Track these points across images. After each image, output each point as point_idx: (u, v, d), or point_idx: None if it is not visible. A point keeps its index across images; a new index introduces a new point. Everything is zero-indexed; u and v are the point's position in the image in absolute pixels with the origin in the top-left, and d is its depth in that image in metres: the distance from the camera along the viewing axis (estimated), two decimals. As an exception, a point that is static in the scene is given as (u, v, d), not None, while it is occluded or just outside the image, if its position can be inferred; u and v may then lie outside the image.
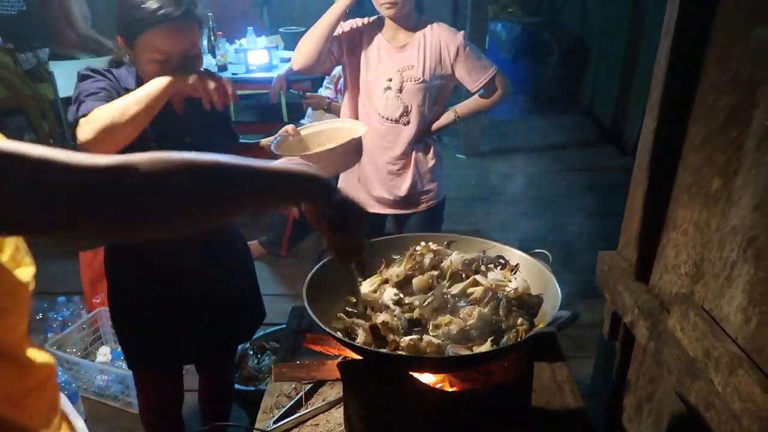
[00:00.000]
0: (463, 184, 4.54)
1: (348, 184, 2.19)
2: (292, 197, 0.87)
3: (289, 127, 1.70)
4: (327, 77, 3.67)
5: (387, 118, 2.07)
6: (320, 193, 0.86)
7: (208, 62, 3.91)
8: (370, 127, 2.03)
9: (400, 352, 0.97)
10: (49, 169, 0.60)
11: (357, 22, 2.11)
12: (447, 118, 2.16)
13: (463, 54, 2.02)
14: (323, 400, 1.31)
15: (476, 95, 2.14)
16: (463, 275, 1.19)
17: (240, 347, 2.18)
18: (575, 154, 5.08)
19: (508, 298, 1.07)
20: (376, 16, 2.10)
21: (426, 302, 1.07)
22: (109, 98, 1.36)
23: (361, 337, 1.01)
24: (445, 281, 1.15)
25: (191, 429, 2.04)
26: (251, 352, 2.30)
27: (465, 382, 1.08)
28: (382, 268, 1.22)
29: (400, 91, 2.03)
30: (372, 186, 2.17)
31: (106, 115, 1.28)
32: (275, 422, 1.29)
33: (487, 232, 3.85)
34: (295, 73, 3.82)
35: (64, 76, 3.73)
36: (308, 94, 3.54)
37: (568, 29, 6.09)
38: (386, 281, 1.18)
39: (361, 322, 1.04)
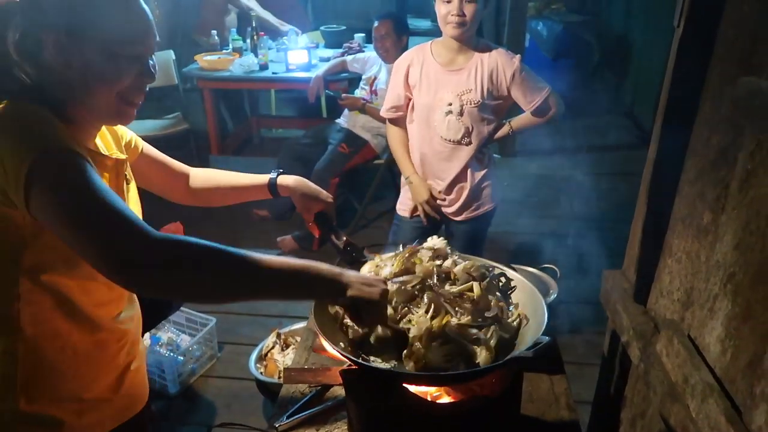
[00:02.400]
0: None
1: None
2: (309, 297, 1.11)
3: None
4: (363, 78, 3.77)
5: (449, 140, 2.16)
6: (331, 295, 1.06)
7: (250, 61, 4.06)
8: (431, 148, 2.19)
9: (383, 365, 1.08)
10: None
11: (409, 55, 2.21)
12: (502, 131, 2.25)
13: (519, 78, 2.10)
14: (335, 398, 1.43)
15: (530, 112, 2.20)
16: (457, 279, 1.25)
17: (264, 342, 2.33)
18: (613, 158, 5.04)
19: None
20: (427, 43, 2.19)
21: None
22: None
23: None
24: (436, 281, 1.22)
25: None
26: (277, 346, 2.44)
27: (457, 393, 1.18)
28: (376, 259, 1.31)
29: (461, 114, 2.11)
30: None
31: None
32: (288, 417, 1.42)
33: (512, 234, 3.91)
34: (333, 74, 3.96)
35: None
36: (344, 95, 3.65)
37: (611, 29, 6.01)
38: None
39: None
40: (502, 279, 1.29)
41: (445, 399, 1.19)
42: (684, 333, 1.22)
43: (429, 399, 1.17)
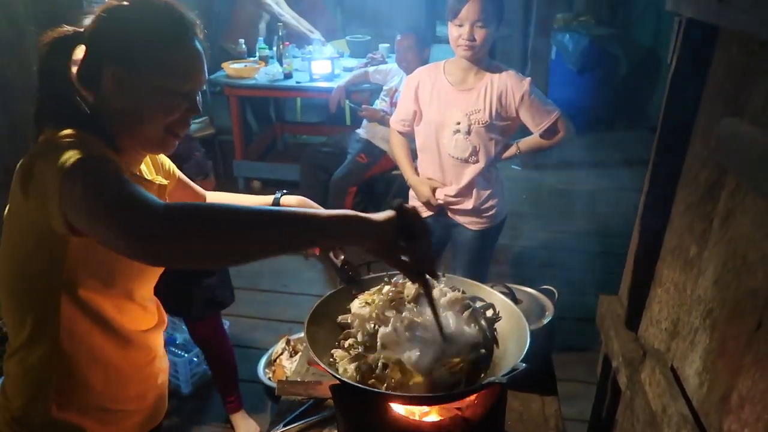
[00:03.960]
0: (513, 197, 4.58)
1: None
2: (337, 239, 1.01)
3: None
4: (383, 89, 3.84)
5: (457, 158, 2.21)
6: (371, 234, 0.97)
7: (275, 70, 4.15)
8: (438, 165, 2.24)
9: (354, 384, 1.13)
10: None
11: (422, 72, 2.26)
12: (510, 152, 2.29)
13: (528, 100, 2.13)
14: (330, 409, 1.48)
15: (538, 134, 2.24)
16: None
17: (274, 348, 2.40)
18: (636, 173, 5.00)
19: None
20: (442, 61, 2.24)
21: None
22: None
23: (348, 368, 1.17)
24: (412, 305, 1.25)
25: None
26: (286, 352, 2.51)
27: (444, 412, 1.23)
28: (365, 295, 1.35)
29: (469, 133, 2.16)
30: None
31: None
32: (285, 425, 1.48)
33: (527, 248, 3.92)
34: (355, 84, 4.04)
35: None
36: (364, 106, 3.71)
37: (639, 42, 5.96)
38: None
39: (345, 355, 1.19)
40: (489, 311, 1.31)
41: (434, 417, 1.24)
42: (667, 363, 1.24)
43: (417, 416, 1.22)
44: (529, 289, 1.74)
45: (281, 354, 2.49)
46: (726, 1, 1.02)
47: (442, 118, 2.18)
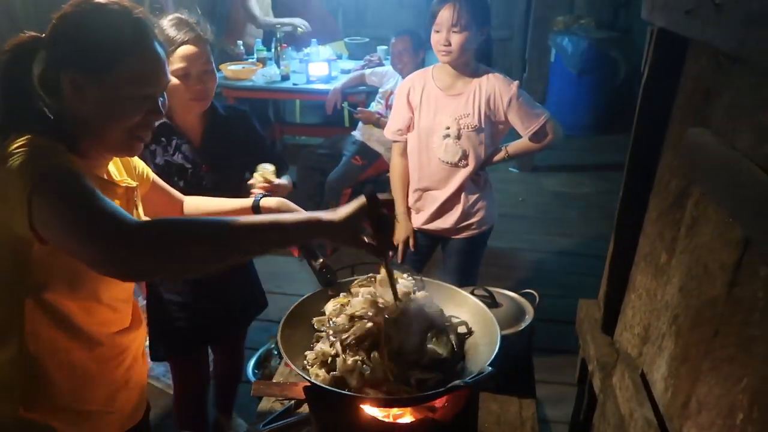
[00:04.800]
0: (510, 200, 4.61)
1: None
2: (303, 239, 1.13)
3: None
4: (379, 92, 3.86)
5: (447, 162, 2.23)
6: (332, 232, 1.06)
7: (272, 71, 4.18)
8: (428, 170, 2.25)
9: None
10: None
11: (411, 79, 2.29)
12: (499, 155, 2.29)
13: (516, 104, 2.14)
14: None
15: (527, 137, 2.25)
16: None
17: (263, 348, 2.43)
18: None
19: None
20: (430, 67, 2.27)
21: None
22: None
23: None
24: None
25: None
26: (275, 353, 2.54)
27: (416, 413, 1.25)
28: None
29: (458, 137, 2.18)
30: (424, 214, 2.35)
31: None
32: (264, 425, 1.51)
33: (519, 251, 3.93)
34: (351, 86, 4.06)
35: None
36: (359, 108, 3.74)
37: (639, 46, 5.95)
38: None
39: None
40: (463, 328, 1.32)
41: (408, 418, 1.26)
42: (637, 368, 1.26)
43: (391, 418, 1.24)
44: (510, 293, 1.76)
45: (268, 357, 2.52)
46: (692, 13, 1.04)
47: (432, 124, 2.20)
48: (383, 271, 1.27)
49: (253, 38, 4.69)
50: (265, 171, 1.76)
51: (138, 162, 1.38)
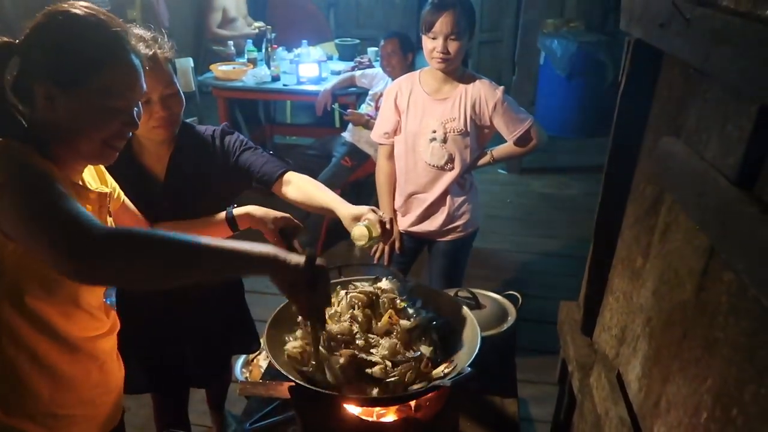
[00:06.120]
0: (498, 201, 4.65)
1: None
2: (256, 273, 1.05)
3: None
4: (369, 94, 3.89)
5: (433, 166, 2.26)
6: (290, 270, 1.04)
7: (263, 72, 4.20)
8: (415, 173, 2.29)
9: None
10: None
11: (399, 83, 2.32)
12: (484, 159, 2.33)
13: (501, 108, 2.18)
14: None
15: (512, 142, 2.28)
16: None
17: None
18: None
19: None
20: (417, 71, 2.30)
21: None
22: None
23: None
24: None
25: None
26: (264, 353, 2.56)
27: (398, 412, 1.28)
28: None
29: (445, 141, 2.21)
30: (410, 216, 2.38)
31: None
32: (251, 424, 1.53)
33: (505, 252, 3.97)
34: (341, 88, 4.09)
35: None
36: (349, 110, 3.76)
37: (627, 50, 6.03)
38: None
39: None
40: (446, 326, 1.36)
41: (390, 417, 1.29)
42: (614, 369, 1.30)
43: (374, 417, 1.28)
44: (494, 295, 1.79)
45: (259, 354, 2.54)
46: (665, 27, 1.08)
47: (419, 128, 2.23)
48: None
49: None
50: (369, 222, 1.42)
51: (110, 179, 1.37)
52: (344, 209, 1.48)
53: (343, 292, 1.36)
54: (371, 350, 1.21)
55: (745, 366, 0.77)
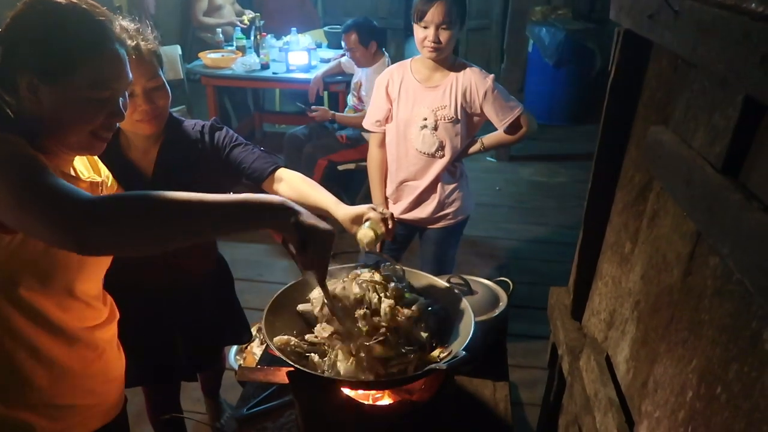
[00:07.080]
0: (487, 189, 4.69)
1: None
2: (257, 224, 1.03)
3: None
4: (352, 83, 3.89)
5: (424, 153, 2.28)
6: (284, 220, 1.02)
7: (252, 60, 4.19)
8: (406, 160, 2.31)
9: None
10: None
11: (390, 71, 2.33)
12: (474, 147, 2.36)
13: (491, 96, 2.20)
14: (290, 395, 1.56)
15: (502, 129, 2.30)
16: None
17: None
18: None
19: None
20: (408, 60, 2.31)
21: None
22: None
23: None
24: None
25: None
26: (257, 339, 2.58)
27: (394, 396, 1.31)
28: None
29: (435, 128, 2.23)
30: (402, 204, 2.40)
31: None
32: (248, 409, 1.56)
33: (496, 239, 4.02)
34: (331, 75, 4.09)
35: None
36: (313, 107, 3.78)
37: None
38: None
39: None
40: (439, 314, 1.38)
41: (386, 400, 1.32)
42: (602, 351, 1.34)
43: (370, 400, 1.31)
44: (485, 281, 1.82)
45: (252, 341, 2.57)
46: (654, 18, 1.10)
47: (410, 115, 2.25)
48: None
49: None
50: (373, 222, 1.44)
51: (104, 168, 1.36)
52: (341, 211, 1.48)
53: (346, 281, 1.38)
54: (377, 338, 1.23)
55: (729, 346, 0.81)
